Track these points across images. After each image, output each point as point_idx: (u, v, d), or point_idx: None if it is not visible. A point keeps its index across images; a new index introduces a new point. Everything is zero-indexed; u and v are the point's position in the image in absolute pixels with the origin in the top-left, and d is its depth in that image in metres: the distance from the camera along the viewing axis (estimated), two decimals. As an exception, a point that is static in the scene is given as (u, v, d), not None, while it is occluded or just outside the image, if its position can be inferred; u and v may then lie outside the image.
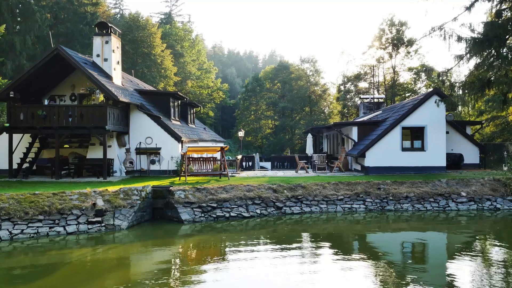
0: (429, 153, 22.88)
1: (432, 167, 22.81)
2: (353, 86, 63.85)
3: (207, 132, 36.99)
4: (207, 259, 12.31)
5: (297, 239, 14.83)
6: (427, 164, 22.84)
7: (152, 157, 23.67)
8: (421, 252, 13.54)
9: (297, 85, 67.70)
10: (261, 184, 19.18)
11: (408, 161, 22.89)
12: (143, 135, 23.72)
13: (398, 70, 59.69)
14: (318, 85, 68.47)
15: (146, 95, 26.31)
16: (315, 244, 14.16)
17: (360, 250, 13.65)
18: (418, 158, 22.94)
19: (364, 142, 24.77)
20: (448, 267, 11.70)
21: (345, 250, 13.36)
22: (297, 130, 67.60)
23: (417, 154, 23.03)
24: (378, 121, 25.80)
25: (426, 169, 22.77)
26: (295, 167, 29.34)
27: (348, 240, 15.07)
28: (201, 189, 17.81)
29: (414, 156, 22.99)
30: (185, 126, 28.69)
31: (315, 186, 19.31)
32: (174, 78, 56.40)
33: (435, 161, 22.81)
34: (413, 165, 22.88)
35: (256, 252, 13.00)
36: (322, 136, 37.65)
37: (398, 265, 11.69)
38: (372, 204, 18.73)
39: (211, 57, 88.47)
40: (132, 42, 53.75)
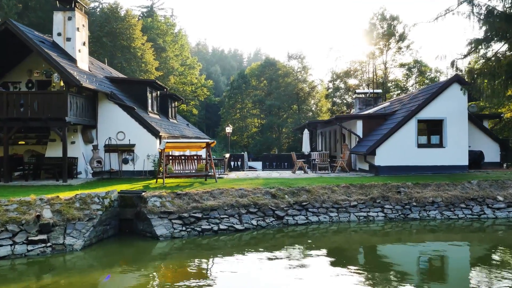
0: (449, 150, 19.31)
1: (452, 166, 19.25)
2: (343, 83, 60.49)
3: (191, 129, 32.97)
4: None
5: (303, 256, 11.05)
6: (446, 163, 19.28)
7: (124, 155, 19.62)
8: (459, 273, 9.83)
9: (284, 82, 63.95)
10: (256, 187, 15.32)
11: (424, 159, 19.29)
12: (114, 129, 19.65)
13: (389, 66, 56.56)
14: (306, 82, 64.86)
15: (118, 84, 22.21)
16: (328, 264, 10.33)
17: (378, 269, 9.87)
18: (436, 156, 19.37)
19: (370, 138, 21.14)
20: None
21: (364, 272, 9.57)
22: (285, 129, 63.91)
23: (435, 151, 19.45)
24: (386, 114, 22.19)
25: (445, 169, 19.21)
26: (290, 167, 25.58)
27: (365, 258, 11.32)
28: (182, 195, 13.87)
29: (432, 154, 19.41)
30: (165, 121, 24.67)
31: (322, 190, 15.54)
32: (155, 73, 52.09)
33: (456, 159, 19.26)
34: (430, 163, 19.29)
35: (253, 277, 9.17)
36: (315, 133, 33.94)
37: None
38: (393, 211, 15.05)
39: (195, 55, 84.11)
40: (110, 34, 49.25)
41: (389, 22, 54.88)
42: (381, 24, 55.65)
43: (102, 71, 23.44)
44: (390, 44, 55.43)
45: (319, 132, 32.96)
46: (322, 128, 30.71)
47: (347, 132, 24.40)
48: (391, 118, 21.40)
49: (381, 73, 56.65)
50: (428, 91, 20.29)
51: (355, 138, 22.51)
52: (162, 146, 16.07)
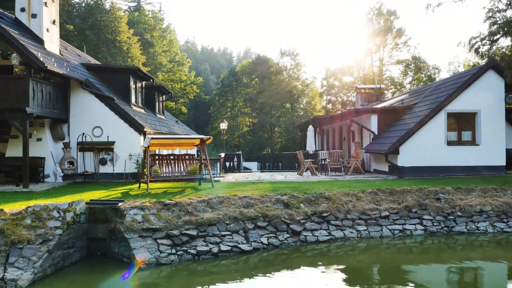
0: (483, 148, 16.32)
1: (487, 167, 16.25)
2: (337, 81, 57.59)
3: (180, 126, 29.57)
4: None
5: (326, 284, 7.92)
6: (480, 163, 16.27)
7: (102, 154, 16.22)
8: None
9: (276, 79, 60.75)
10: (264, 194, 12.06)
11: (454, 159, 16.25)
12: (90, 123, 16.26)
13: (386, 63, 53.78)
14: (300, 79, 61.75)
15: (97, 72, 18.76)
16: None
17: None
18: (468, 155, 16.34)
19: (387, 134, 18.07)
20: None
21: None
22: (277, 128, 60.77)
23: (467, 150, 16.42)
24: (404, 107, 19.12)
25: (479, 170, 16.20)
26: (293, 168, 22.39)
27: None
28: (171, 205, 10.57)
29: (463, 152, 16.38)
30: (152, 116, 21.29)
31: (345, 197, 12.35)
32: (143, 69, 48.40)
33: (492, 159, 16.27)
34: (462, 164, 16.27)
35: None
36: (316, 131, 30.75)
37: None
38: (433, 223, 11.90)
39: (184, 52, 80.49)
40: (94, 27, 45.55)
41: (386, 17, 52.09)
42: (377, 20, 52.86)
43: (78, 58, 19.97)
44: (387, 40, 52.67)
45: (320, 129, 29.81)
46: (325, 125, 27.57)
47: (358, 129, 21.30)
48: (411, 111, 18.34)
49: (377, 70, 53.84)
50: (457, 80, 17.24)
51: (369, 135, 19.40)
52: (146, 143, 12.74)
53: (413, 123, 16.60)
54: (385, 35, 52.09)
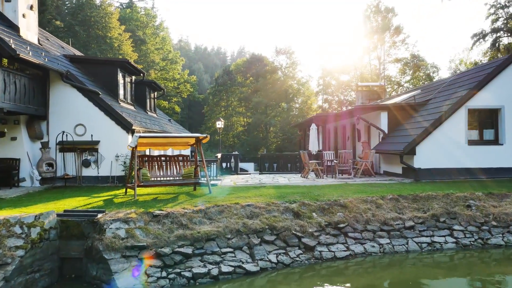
0: (508, 148, 14.69)
1: (511, 169, 14.64)
2: (334, 80, 56.01)
3: (173, 125, 27.71)
4: None
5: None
6: (505, 165, 14.63)
7: (85, 155, 14.38)
8: None
9: (272, 78, 58.94)
10: (270, 202, 10.29)
11: (476, 160, 14.60)
12: (72, 121, 14.43)
13: (384, 61, 52.26)
14: (295, 78, 60.04)
15: (81, 65, 16.89)
16: None
17: None
18: (491, 156, 14.70)
19: (399, 133, 16.42)
20: None
21: None
22: (273, 128, 58.98)
23: (490, 150, 14.78)
24: (417, 104, 17.47)
25: (503, 172, 14.56)
26: (294, 170, 20.65)
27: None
28: (161, 217, 8.78)
29: (485, 153, 14.74)
30: (142, 113, 19.45)
31: (363, 205, 10.63)
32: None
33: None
34: (484, 165, 14.61)
35: None
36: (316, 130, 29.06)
37: None
38: (466, 235, 10.22)
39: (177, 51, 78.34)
40: (84, 23, 43.54)
41: (384, 15, 50.60)
42: (375, 17, 51.36)
43: (61, 50, 18.07)
44: (385, 38, 51.16)
45: (322, 128, 28.13)
46: (328, 124, 25.87)
47: (365, 127, 19.64)
48: (425, 108, 16.70)
49: (374, 69, 52.34)
50: (478, 73, 15.59)
51: (378, 134, 17.73)
52: (133, 142, 10.93)
53: (428, 120, 14.95)
54: (383, 33, 50.59)
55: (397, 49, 51.06)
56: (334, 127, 24.82)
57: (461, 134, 14.59)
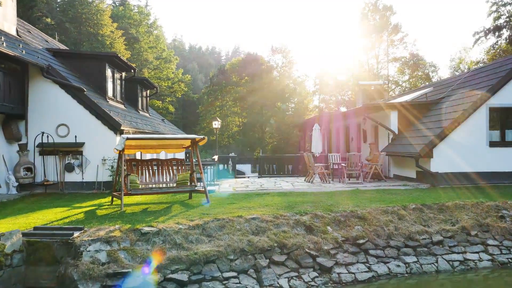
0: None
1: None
2: (331, 79, 54.69)
3: (167, 125, 26.21)
4: None
5: None
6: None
7: (68, 159, 12.87)
8: None
9: (268, 78, 57.47)
10: (278, 214, 8.84)
11: (498, 164, 13.25)
12: (53, 120, 12.92)
13: (382, 60, 51.06)
14: (292, 78, 58.63)
15: (65, 59, 15.34)
16: None
17: None
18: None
19: (411, 134, 15.08)
20: None
21: None
22: (268, 128, 57.53)
23: None
24: (429, 103, 16.13)
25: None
26: (295, 173, 19.22)
27: None
28: (151, 235, 7.31)
29: (508, 155, 13.39)
30: (133, 112, 17.95)
31: (383, 216, 9.22)
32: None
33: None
34: (507, 169, 13.28)
35: None
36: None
37: None
38: (502, 250, 8.84)
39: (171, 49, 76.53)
40: (75, 20, 41.89)
41: (382, 13, 49.37)
42: (373, 16, 50.11)
43: (45, 44, 16.51)
44: (383, 37, 49.92)
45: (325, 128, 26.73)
46: (329, 124, 24.47)
47: (372, 127, 18.30)
48: (438, 107, 15.35)
49: (373, 68, 51.12)
50: (499, 68, 14.24)
51: (387, 135, 16.36)
52: (120, 144, 9.45)
53: (444, 120, 13.60)
54: (381, 31, 49.37)
55: (395, 48, 49.85)
56: (336, 127, 23.45)
57: (482, 135, 13.25)
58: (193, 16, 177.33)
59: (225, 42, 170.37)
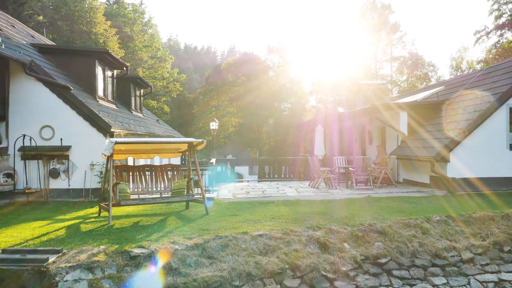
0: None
1: (559, 179, 12.30)
2: (328, 79, 53.65)
3: (162, 125, 25.04)
4: None
5: None
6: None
7: (54, 164, 11.69)
8: None
9: (264, 77, 56.39)
10: (287, 229, 7.69)
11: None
12: (37, 122, 11.74)
13: (380, 59, 50.11)
14: (289, 77, 57.54)
15: (52, 56, 14.11)
16: None
17: None
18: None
19: (422, 136, 14.03)
20: None
21: None
22: (265, 129, 56.44)
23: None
24: (441, 102, 15.09)
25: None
26: (297, 176, 18.10)
27: None
28: (141, 258, 6.17)
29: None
30: (125, 113, 16.78)
31: (405, 230, 8.13)
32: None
33: None
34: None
35: None
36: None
37: None
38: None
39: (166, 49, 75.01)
40: (67, 18, 40.54)
41: (381, 12, 48.42)
42: (371, 15, 49.14)
43: (29, 39, 15.30)
44: (381, 36, 48.96)
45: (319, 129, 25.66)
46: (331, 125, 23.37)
47: (378, 129, 17.27)
48: (452, 107, 14.30)
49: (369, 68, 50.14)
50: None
51: (396, 136, 15.32)
52: (108, 149, 8.30)
53: (460, 122, 12.56)
54: (379, 30, 48.41)
55: (394, 47, 48.90)
56: (338, 128, 22.37)
57: (502, 137, 12.21)
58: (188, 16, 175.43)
59: (220, 41, 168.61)
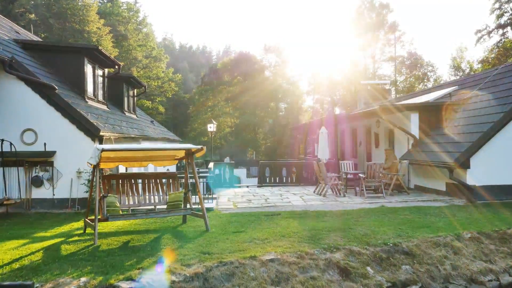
0: None
1: None
2: (325, 79, 52.67)
3: (156, 127, 23.89)
4: None
5: None
6: None
7: (36, 171, 10.55)
8: None
9: (261, 77, 55.34)
10: (302, 251, 6.58)
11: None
12: (18, 125, 10.60)
13: (378, 59, 49.21)
14: (286, 77, 56.51)
15: (37, 52, 12.93)
16: None
17: None
18: (560, 169, 11.37)
19: (436, 139, 13.03)
20: None
21: None
22: (261, 129, 55.41)
23: (559, 162, 11.44)
24: (457, 103, 14.07)
25: None
26: (300, 181, 17.04)
27: None
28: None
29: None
30: (117, 114, 15.64)
31: (435, 250, 7.08)
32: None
33: None
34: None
35: None
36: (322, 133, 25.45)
37: None
38: None
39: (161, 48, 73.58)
40: (60, 16, 39.24)
41: (379, 11, 47.52)
42: (369, 14, 48.23)
43: (13, 35, 14.10)
44: (379, 35, 48.06)
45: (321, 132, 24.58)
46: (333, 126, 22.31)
47: (385, 131, 16.24)
48: (468, 108, 13.31)
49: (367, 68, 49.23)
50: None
51: (407, 139, 14.29)
52: (94, 158, 7.18)
53: (482, 124, 11.56)
54: (378, 30, 47.52)
55: (392, 46, 48.01)
56: (341, 130, 21.34)
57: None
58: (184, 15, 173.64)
59: (216, 41, 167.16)
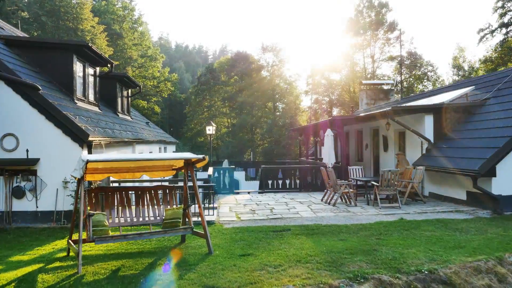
0: None
1: None
2: (324, 79, 51.67)
3: (152, 129, 22.77)
4: None
5: None
6: None
7: (18, 181, 9.42)
8: None
9: (258, 77, 54.30)
10: (323, 283, 5.56)
11: None
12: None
13: (377, 59, 48.25)
14: (283, 77, 55.45)
15: (22, 50, 11.76)
16: None
17: None
18: None
19: (453, 143, 12.02)
20: None
21: None
22: (259, 130, 54.31)
23: None
24: (472, 105, 13.08)
25: None
26: (305, 186, 15.96)
27: None
28: None
29: None
30: (110, 116, 14.50)
31: (476, 278, 6.03)
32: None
33: None
34: None
35: None
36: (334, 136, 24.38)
37: None
38: None
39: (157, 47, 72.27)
40: (53, 13, 37.96)
41: (378, 10, 46.57)
42: (368, 13, 47.27)
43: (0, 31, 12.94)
44: (378, 34, 47.12)
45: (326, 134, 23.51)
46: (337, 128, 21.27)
47: (396, 134, 15.21)
48: (487, 110, 12.31)
49: (368, 67, 48.29)
50: None
51: (420, 144, 13.26)
52: (78, 170, 6.09)
53: (505, 127, 10.55)
54: (376, 29, 46.58)
55: (391, 46, 47.09)
56: (345, 132, 20.29)
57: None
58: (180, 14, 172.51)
59: (212, 41, 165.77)
